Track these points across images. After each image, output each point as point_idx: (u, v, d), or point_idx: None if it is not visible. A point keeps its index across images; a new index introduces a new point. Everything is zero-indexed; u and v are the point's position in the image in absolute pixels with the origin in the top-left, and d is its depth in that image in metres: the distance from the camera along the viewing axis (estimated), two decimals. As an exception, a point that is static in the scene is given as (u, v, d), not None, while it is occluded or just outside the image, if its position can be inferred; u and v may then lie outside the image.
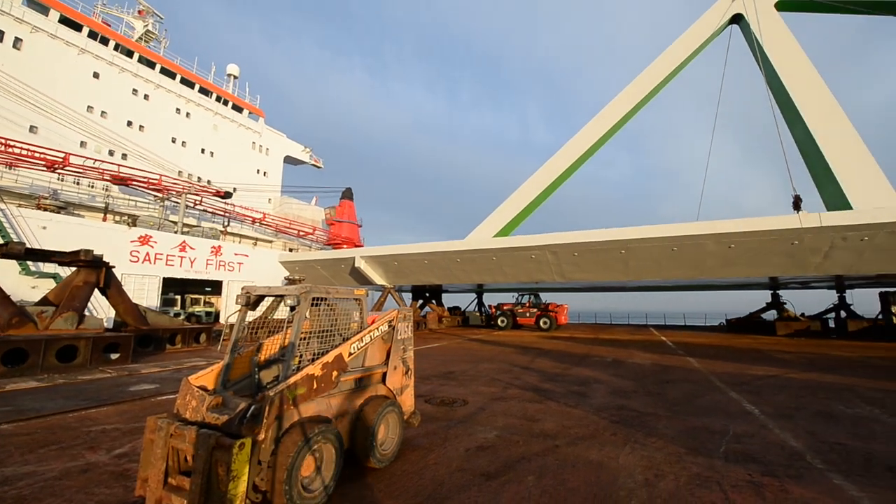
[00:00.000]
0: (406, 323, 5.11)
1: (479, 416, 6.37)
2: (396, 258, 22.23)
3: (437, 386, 8.63)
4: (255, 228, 30.63)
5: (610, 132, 21.85)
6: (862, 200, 13.83)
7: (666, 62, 21.63)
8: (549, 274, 19.71)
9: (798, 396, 7.79)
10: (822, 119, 16.26)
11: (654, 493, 3.78)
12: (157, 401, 7.14)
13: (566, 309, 27.87)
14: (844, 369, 11.00)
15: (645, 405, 7.13)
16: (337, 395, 4.02)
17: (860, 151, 15.01)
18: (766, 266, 15.88)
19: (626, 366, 11.64)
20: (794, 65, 17.94)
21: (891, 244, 13.42)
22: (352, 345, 4.20)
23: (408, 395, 5.01)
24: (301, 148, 39.46)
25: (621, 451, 4.86)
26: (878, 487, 3.92)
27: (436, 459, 4.57)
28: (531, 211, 22.28)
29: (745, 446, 5.07)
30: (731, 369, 10.99)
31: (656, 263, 17.15)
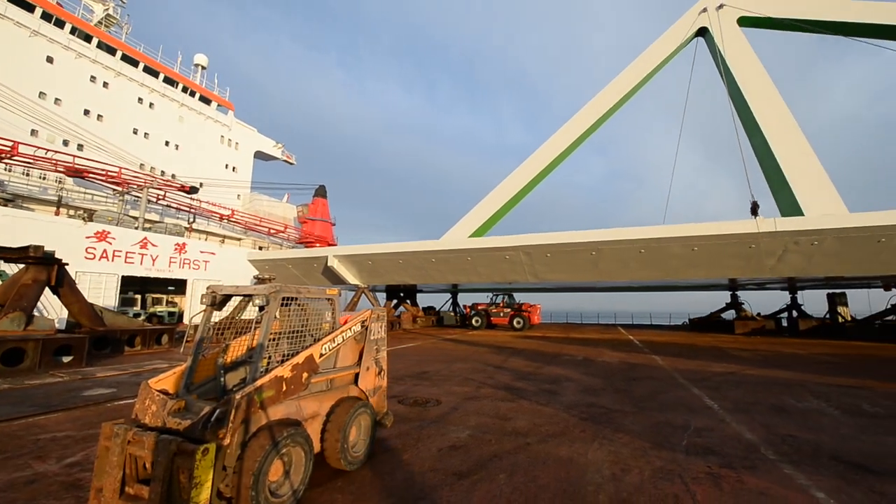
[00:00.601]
0: (379, 323, 5.07)
1: (452, 415, 6.39)
2: (371, 257, 21.99)
3: (410, 386, 8.59)
4: (223, 225, 29.57)
5: (582, 137, 22.40)
6: (812, 207, 14.76)
7: (636, 71, 22.38)
8: (522, 274, 20.00)
9: (754, 392, 8.23)
10: (777, 130, 17.24)
11: (621, 487, 3.90)
12: (114, 406, 6.78)
13: (539, 309, 28.39)
14: (795, 366, 11.72)
15: (613, 402, 7.35)
16: (307, 397, 3.93)
17: (811, 161, 16.02)
18: (726, 268, 16.69)
19: (595, 364, 11.96)
20: (753, 78, 18.94)
21: (837, 248, 14.39)
22: (323, 345, 4.12)
23: (380, 395, 4.96)
24: (273, 143, 38.42)
25: (590, 447, 4.99)
26: (824, 476, 4.19)
27: (408, 460, 4.55)
28: (506, 212, 22.54)
29: (706, 440, 5.31)
30: (693, 366, 11.49)
31: (625, 265, 17.72)
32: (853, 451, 4.89)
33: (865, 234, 13.63)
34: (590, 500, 3.66)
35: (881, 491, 3.85)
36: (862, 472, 4.28)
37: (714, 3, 21.35)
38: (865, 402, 7.31)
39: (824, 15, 19.25)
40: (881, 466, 4.44)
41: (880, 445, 5.11)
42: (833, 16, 19.09)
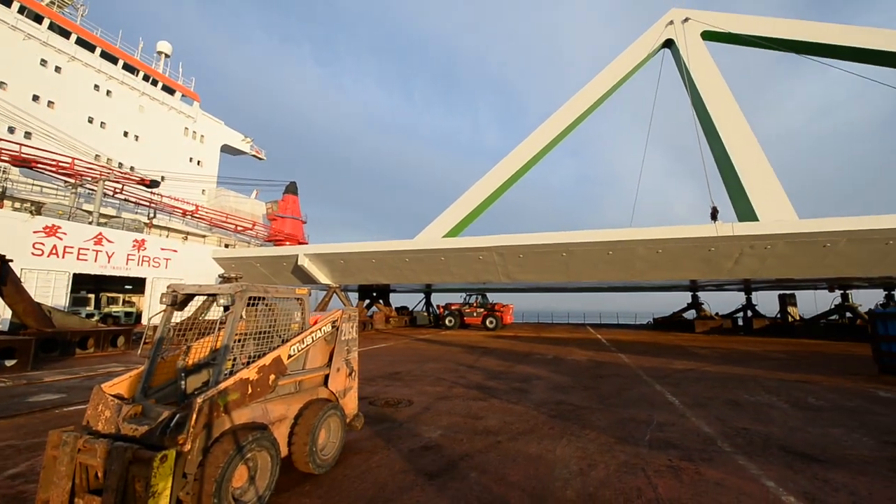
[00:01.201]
0: (351, 323, 4.99)
1: (423, 415, 6.37)
2: (343, 257, 21.63)
3: (382, 387, 8.51)
4: (186, 222, 28.31)
5: (555, 140, 22.87)
6: (766, 213, 15.67)
7: (607, 78, 23.06)
8: (495, 275, 20.21)
9: (711, 387, 8.65)
10: (735, 140, 18.20)
11: (587, 482, 4.00)
12: (63, 412, 6.35)
13: (512, 309, 28.79)
14: (749, 362, 12.41)
15: (581, 399, 7.54)
16: (274, 400, 3.82)
17: (766, 170, 17.00)
18: (688, 270, 17.47)
19: (565, 363, 12.24)
20: (714, 89, 19.91)
21: (788, 252, 15.35)
22: (292, 346, 4.02)
23: (351, 397, 4.88)
24: (241, 137, 37.12)
25: (558, 444, 5.10)
26: (774, 465, 4.46)
27: (379, 462, 4.50)
28: (480, 213, 22.71)
29: (667, 434, 5.53)
30: (657, 364, 11.96)
31: (594, 266, 18.23)
32: (800, 442, 5.23)
33: (812, 239, 14.61)
34: (558, 495, 3.73)
35: (824, 478, 4.13)
36: (807, 461, 4.58)
37: (680, 17, 22.31)
38: (811, 396, 7.83)
39: (778, 33, 20.48)
40: (825, 455, 4.77)
41: (824, 436, 5.48)
42: (786, 34, 20.34)
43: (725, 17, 21.79)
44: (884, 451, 4.93)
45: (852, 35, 19.24)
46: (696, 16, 22.05)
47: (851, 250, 14.70)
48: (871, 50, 18.72)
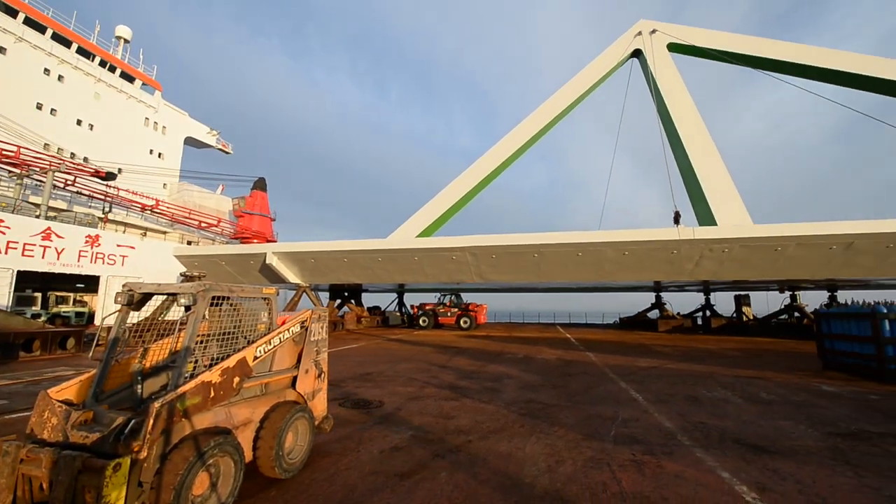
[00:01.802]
0: (321, 324, 4.89)
1: (394, 416, 6.33)
2: (314, 255, 21.16)
3: (352, 388, 8.39)
4: (146, 217, 26.88)
5: (528, 144, 23.24)
6: (724, 218, 16.53)
7: (577, 85, 23.65)
8: (468, 275, 20.33)
9: (673, 384, 9.03)
10: (697, 148, 19.09)
11: (555, 478, 4.09)
12: (4, 420, 5.89)
13: (486, 309, 29.01)
14: (707, 359, 13.05)
15: (550, 397, 7.70)
16: (239, 403, 3.69)
17: (724, 178, 17.93)
18: (652, 271, 18.18)
19: (535, 362, 12.46)
20: (678, 99, 20.81)
21: (743, 255, 16.25)
22: (258, 348, 3.89)
23: (320, 399, 4.79)
24: (207, 129, 35.60)
25: (528, 442, 5.19)
26: (728, 457, 4.71)
27: (348, 464, 4.43)
28: (453, 213, 22.77)
29: (631, 430, 5.73)
30: (622, 362, 12.38)
31: (564, 267, 18.66)
32: (752, 435, 5.54)
33: (765, 243, 15.53)
34: (526, 492, 3.79)
35: (773, 468, 4.40)
36: (759, 453, 4.86)
37: (648, 28, 23.19)
38: (763, 391, 8.32)
39: (737, 48, 21.64)
40: (775, 447, 5.07)
41: (774, 429, 5.84)
42: (744, 50, 21.52)
43: (690, 30, 22.82)
44: (826, 441, 5.29)
45: (802, 53, 20.59)
46: (663, 28, 22.99)
47: (800, 254, 15.74)
48: (818, 68, 20.10)
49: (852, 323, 10.21)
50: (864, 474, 4.24)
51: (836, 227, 14.68)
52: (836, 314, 10.87)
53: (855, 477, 4.18)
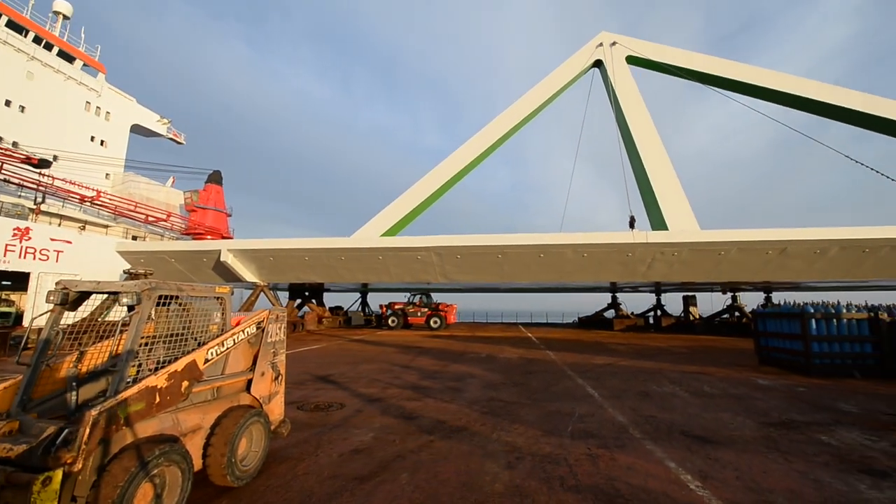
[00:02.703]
0: (278, 324, 4.71)
1: (355, 418, 6.21)
2: (272, 253, 20.38)
3: (312, 391, 8.15)
4: (85, 209, 24.83)
5: (493, 146, 23.58)
6: (674, 224, 17.54)
7: (541, 91, 24.28)
8: (433, 275, 20.33)
9: (626, 380, 9.47)
10: (651, 157, 20.15)
11: (515, 474, 4.17)
12: None
13: (455, 309, 28.99)
14: (658, 356, 13.78)
15: (511, 395, 7.85)
16: (188, 409, 3.49)
17: (675, 185, 19.03)
18: (609, 272, 18.98)
19: (497, 361, 12.66)
20: (635, 110, 21.86)
21: (691, 259, 17.32)
22: (209, 350, 3.69)
23: (277, 402, 4.61)
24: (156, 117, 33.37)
25: (490, 440, 5.25)
26: (675, 448, 4.99)
27: (306, 469, 4.30)
28: (419, 213, 22.69)
29: (587, 425, 5.95)
30: (580, 360, 12.83)
31: (526, 267, 19.10)
32: (697, 427, 5.91)
33: (710, 248, 16.64)
34: (486, 489, 3.84)
35: (715, 457, 4.71)
36: (702, 443, 5.19)
37: (609, 40, 24.19)
38: (706, 385, 8.90)
39: (689, 65, 23.03)
40: (716, 437, 5.44)
41: (716, 420, 6.25)
42: (695, 66, 22.95)
43: (647, 44, 24.04)
44: (761, 431, 5.74)
45: (745, 72, 22.24)
46: (623, 41, 24.07)
47: (740, 258, 16.98)
48: (759, 86, 21.79)
49: (784, 322, 11.14)
50: (792, 460, 4.64)
51: (772, 233, 15.97)
52: (771, 314, 11.82)
53: (785, 463, 4.56)
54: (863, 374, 9.81)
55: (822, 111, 21.02)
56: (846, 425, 5.99)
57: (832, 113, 20.85)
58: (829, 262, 16.76)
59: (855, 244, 15.81)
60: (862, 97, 20.11)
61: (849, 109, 20.16)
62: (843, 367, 9.97)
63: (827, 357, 10.07)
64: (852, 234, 15.56)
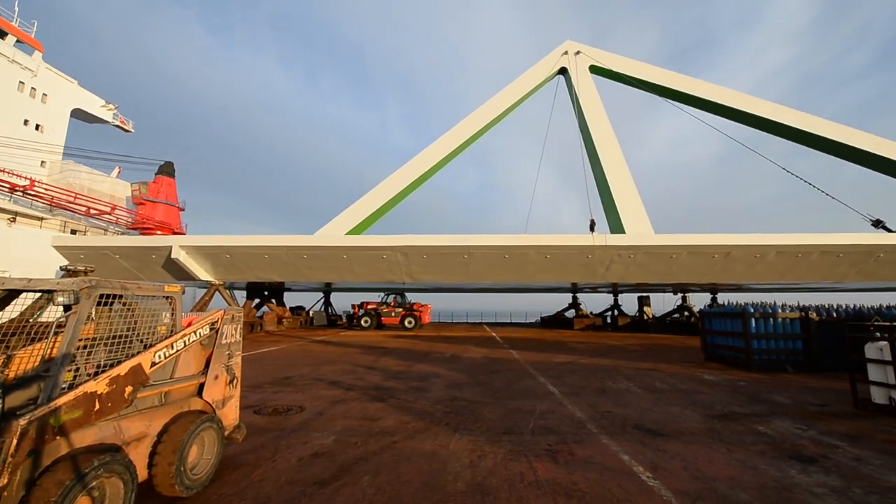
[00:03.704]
0: (234, 325, 4.51)
1: (316, 421, 6.05)
2: (229, 250, 19.48)
3: (270, 394, 7.87)
4: (16, 199, 22.67)
5: (460, 147, 23.75)
6: (631, 228, 18.40)
7: (508, 95, 24.73)
8: (398, 275, 20.18)
9: (585, 377, 9.82)
10: (611, 163, 21.03)
11: (476, 472, 4.21)
12: None
13: (430, 309, 28.76)
14: (614, 354, 14.39)
15: (475, 394, 7.92)
16: (132, 416, 3.26)
17: (632, 191, 19.97)
18: (570, 273, 19.62)
19: (462, 360, 12.75)
20: (597, 118, 22.73)
21: (646, 261, 18.22)
22: (157, 353, 3.47)
23: (231, 407, 4.41)
24: (101, 102, 30.96)
25: (452, 439, 5.28)
26: (629, 441, 5.23)
27: (262, 475, 4.14)
28: (385, 211, 22.47)
29: (547, 421, 6.11)
30: (542, 358, 13.17)
31: (492, 268, 19.37)
32: (649, 420, 6.22)
33: (663, 251, 17.58)
34: (449, 489, 3.86)
35: (664, 449, 4.98)
36: (653, 436, 5.46)
37: (574, 49, 25.00)
38: (658, 381, 9.39)
39: (646, 77, 24.24)
40: (666, 430, 5.74)
41: (666, 414, 6.61)
42: (652, 79, 24.18)
43: (609, 55, 25.05)
44: (706, 423, 6.12)
45: (696, 87, 23.67)
46: (587, 51, 24.95)
47: (690, 261, 18.06)
48: (708, 100, 23.27)
49: (727, 321, 11.95)
50: (733, 449, 4.98)
51: (718, 238, 17.11)
52: (716, 313, 12.64)
53: (727, 452, 4.89)
54: (795, 368, 10.70)
55: (763, 126, 22.76)
56: (780, 416, 6.51)
57: (771, 128, 22.63)
58: (767, 265, 18.18)
59: (790, 249, 17.24)
60: (796, 115, 21.97)
61: (786, 126, 21.96)
62: (778, 362, 10.84)
63: (765, 353, 10.91)
64: (787, 240, 16.96)
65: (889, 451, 4.98)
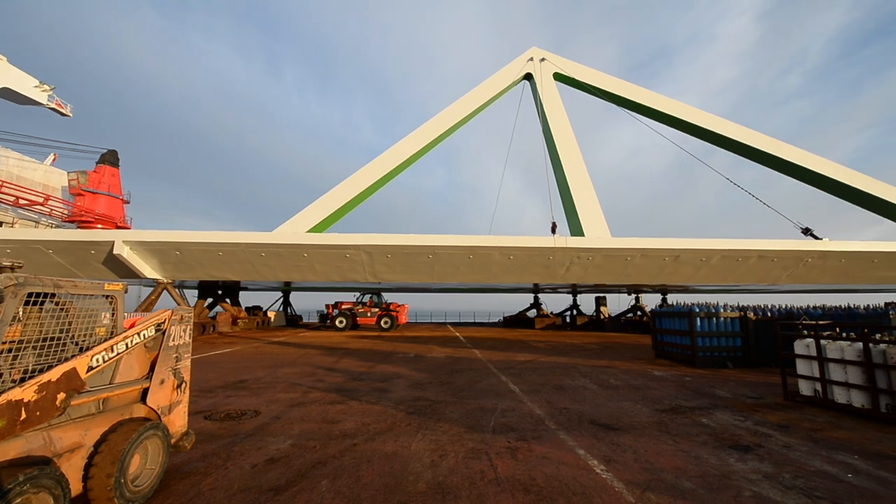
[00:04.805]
0: (183, 326, 4.26)
1: (272, 426, 5.83)
2: (179, 247, 18.36)
3: (222, 398, 7.50)
4: (-72, 187, 20.24)
5: (427, 147, 23.71)
6: (590, 231, 19.12)
7: (474, 98, 24.96)
8: (362, 274, 19.85)
9: (544, 375, 10.09)
10: (572, 168, 21.75)
11: (438, 472, 4.22)
12: None
13: (407, 308, 28.32)
14: (572, 353, 14.90)
15: (437, 394, 7.94)
16: (65, 425, 3.00)
17: (591, 195, 20.76)
18: (532, 274, 20.11)
19: (425, 360, 12.73)
20: (559, 124, 23.44)
21: (603, 263, 19.00)
22: (94, 356, 3.21)
23: (178, 413, 4.16)
24: (34, 82, 28.26)
25: (414, 439, 5.26)
26: (584, 436, 5.43)
27: (212, 484, 3.93)
28: (350, 209, 22.01)
29: (508, 419, 6.23)
30: (504, 357, 13.41)
31: (456, 268, 19.48)
32: (603, 416, 6.48)
33: (619, 253, 18.41)
34: (409, 489, 3.84)
35: (617, 443, 5.21)
36: (607, 430, 5.70)
37: (539, 56, 25.63)
38: (612, 378, 9.81)
39: (605, 87, 25.27)
40: (619, 424, 6.01)
41: (619, 409, 6.92)
42: (610, 89, 25.24)
43: (572, 64, 25.89)
44: (655, 417, 6.47)
45: (650, 98, 24.97)
46: (551, 58, 25.65)
47: (643, 263, 19.02)
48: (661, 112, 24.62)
49: (675, 320, 12.69)
50: (679, 441, 5.29)
51: (668, 242, 18.13)
52: (666, 313, 13.39)
53: (673, 444, 5.19)
54: (734, 364, 11.54)
55: (710, 139, 24.37)
56: (721, 408, 6.99)
57: (717, 141, 24.28)
58: (712, 268, 19.48)
59: (732, 254, 18.57)
60: (739, 129, 23.71)
61: (729, 139, 23.64)
62: (720, 358, 11.64)
63: (708, 350, 11.68)
64: (730, 245, 18.26)
65: (813, 438, 5.48)
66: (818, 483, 4.05)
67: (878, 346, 6.49)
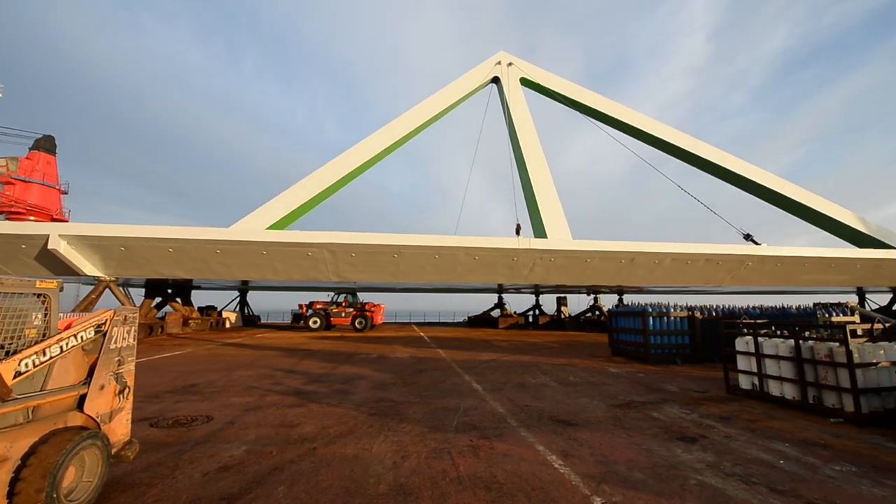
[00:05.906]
0: (126, 327, 3.97)
1: (225, 432, 5.56)
2: (124, 242, 17.13)
3: (170, 404, 7.07)
4: None
5: (393, 145, 23.50)
6: (553, 233, 19.68)
7: (442, 99, 25.01)
8: (325, 273, 19.36)
9: (506, 374, 10.27)
10: (536, 172, 22.30)
11: (400, 473, 4.19)
12: None
13: (383, 308, 27.76)
14: (534, 352, 15.26)
15: (401, 395, 7.88)
16: (-16, 437, 2.72)
17: (554, 199, 21.37)
18: (496, 275, 20.42)
19: (388, 360, 12.61)
20: (525, 128, 23.95)
21: (565, 264, 19.62)
22: (22, 360, 2.93)
23: (121, 420, 3.88)
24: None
25: (376, 441, 5.19)
26: (544, 433, 5.57)
27: (157, 495, 3.69)
28: (312, 206, 21.41)
29: (470, 418, 6.28)
30: (467, 357, 13.52)
31: (422, 268, 19.44)
32: (562, 412, 6.69)
33: (579, 255, 19.07)
34: (370, 491, 3.78)
35: (574, 438, 5.38)
36: (565, 426, 5.88)
37: (507, 60, 26.07)
38: (571, 375, 10.14)
39: (569, 94, 26.10)
40: (577, 420, 6.22)
41: (577, 405, 7.16)
42: (573, 96, 26.11)
43: (537, 70, 26.52)
44: (610, 412, 6.75)
45: (609, 107, 26.07)
46: (518, 63, 26.16)
47: (601, 265, 19.81)
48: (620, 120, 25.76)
49: (630, 319, 13.31)
50: (632, 434, 5.55)
51: (625, 245, 19.00)
52: (621, 312, 14.02)
53: (627, 437, 5.43)
54: (683, 360, 12.26)
55: (663, 147, 25.77)
56: (670, 402, 7.41)
57: (669, 150, 25.71)
58: (664, 270, 20.60)
59: (681, 257, 19.72)
60: (687, 139, 25.23)
61: (679, 148, 25.11)
62: (670, 355, 12.33)
63: (659, 348, 12.34)
64: (680, 248, 19.39)
65: (751, 428, 5.92)
66: (755, 470, 4.38)
67: (807, 342, 7.11)
